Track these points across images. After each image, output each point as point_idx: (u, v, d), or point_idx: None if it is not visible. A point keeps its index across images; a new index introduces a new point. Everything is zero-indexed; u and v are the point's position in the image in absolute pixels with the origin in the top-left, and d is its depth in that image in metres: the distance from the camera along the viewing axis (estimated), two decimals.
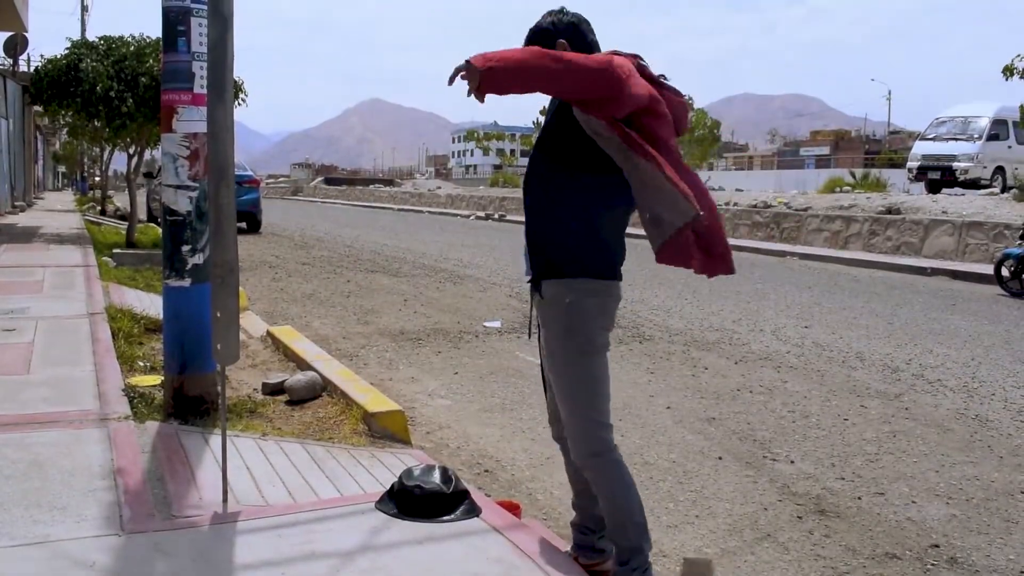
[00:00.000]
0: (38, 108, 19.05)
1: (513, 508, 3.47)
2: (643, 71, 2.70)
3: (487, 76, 2.36)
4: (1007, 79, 16.08)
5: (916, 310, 9.84)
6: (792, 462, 4.58)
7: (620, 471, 2.82)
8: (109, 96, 11.86)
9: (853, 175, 27.12)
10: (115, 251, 11.93)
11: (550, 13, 2.83)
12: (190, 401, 4.41)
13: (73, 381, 4.93)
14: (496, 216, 29.78)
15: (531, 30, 2.83)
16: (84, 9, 35.40)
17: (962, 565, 3.44)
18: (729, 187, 29.97)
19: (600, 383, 2.81)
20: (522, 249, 2.94)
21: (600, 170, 2.66)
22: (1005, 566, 3.44)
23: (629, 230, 2.84)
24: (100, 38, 12.84)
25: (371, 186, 57.55)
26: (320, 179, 75.50)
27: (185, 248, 4.39)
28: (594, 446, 2.79)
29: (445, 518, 3.19)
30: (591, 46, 2.78)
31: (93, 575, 2.70)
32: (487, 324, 8.35)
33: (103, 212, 24.16)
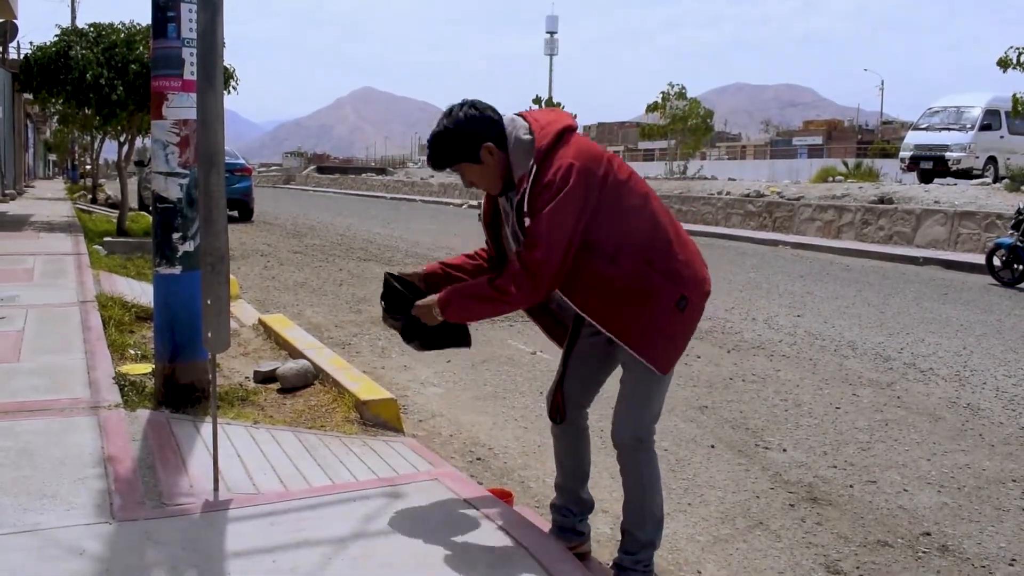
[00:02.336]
0: (28, 96, 18.95)
1: (506, 496, 3.46)
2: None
3: (444, 315, 2.81)
4: (1004, 71, 16.07)
5: (908, 299, 9.86)
6: (784, 450, 4.59)
7: (654, 463, 2.88)
8: (99, 84, 11.77)
9: (846, 165, 27.19)
10: (106, 239, 11.87)
11: (461, 108, 2.75)
12: (181, 389, 4.39)
13: (63, 369, 4.90)
14: None
15: (452, 135, 2.73)
16: None
17: (953, 553, 3.45)
18: (722, 176, 29.98)
19: (671, 376, 2.88)
20: None
21: None
22: (996, 553, 3.45)
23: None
24: (90, 25, 12.74)
25: (363, 175, 57.34)
26: (312, 168, 75.15)
27: (175, 236, 4.35)
28: (642, 432, 2.83)
29: None
30: (505, 136, 2.75)
31: (84, 563, 2.69)
32: None
33: (94, 200, 24.05)
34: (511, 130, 2.76)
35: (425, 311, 2.83)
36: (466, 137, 2.73)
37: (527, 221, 2.67)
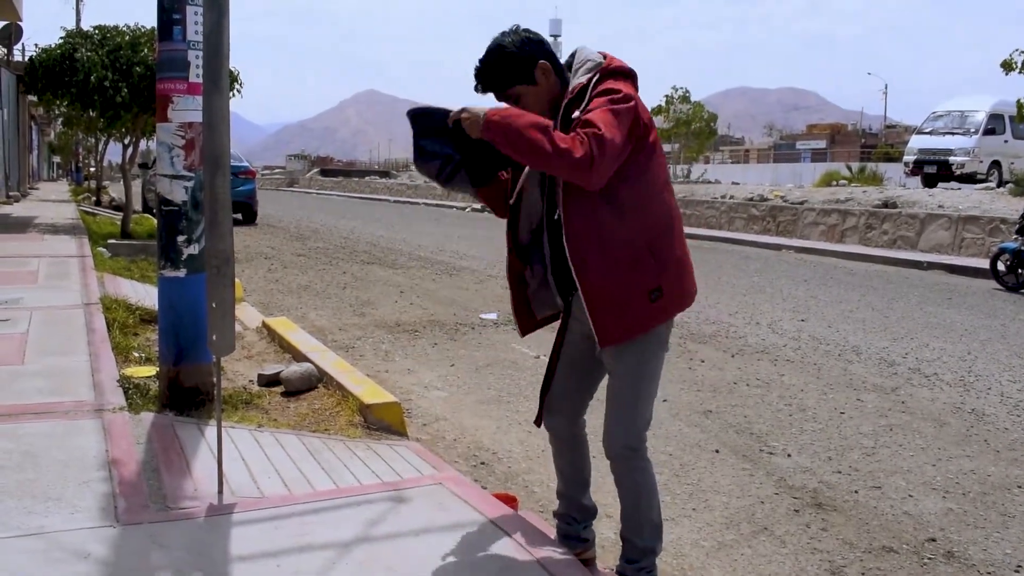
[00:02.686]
0: (33, 98, 18.97)
1: (510, 500, 3.46)
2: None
3: (487, 126, 2.54)
4: (1006, 74, 16.07)
5: (912, 304, 9.84)
6: (789, 455, 4.58)
7: (649, 470, 2.86)
8: (104, 86, 11.79)
9: (849, 169, 27.12)
10: (110, 241, 11.89)
11: (515, 32, 2.76)
12: (185, 392, 4.39)
13: (68, 372, 4.90)
14: None
15: (510, 54, 2.71)
16: None
17: (959, 559, 3.44)
18: (726, 180, 29.95)
19: (658, 381, 2.86)
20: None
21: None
22: (1002, 560, 3.44)
23: None
24: (95, 27, 12.77)
25: (367, 177, 57.33)
26: (316, 170, 75.17)
27: (180, 238, 4.36)
28: (633, 441, 2.81)
29: None
30: (560, 64, 2.79)
31: (88, 566, 2.69)
32: (483, 316, 8.34)
33: (98, 202, 24.08)
34: (582, 51, 2.79)
35: (472, 118, 2.62)
36: (524, 58, 2.71)
37: (575, 114, 2.62)
